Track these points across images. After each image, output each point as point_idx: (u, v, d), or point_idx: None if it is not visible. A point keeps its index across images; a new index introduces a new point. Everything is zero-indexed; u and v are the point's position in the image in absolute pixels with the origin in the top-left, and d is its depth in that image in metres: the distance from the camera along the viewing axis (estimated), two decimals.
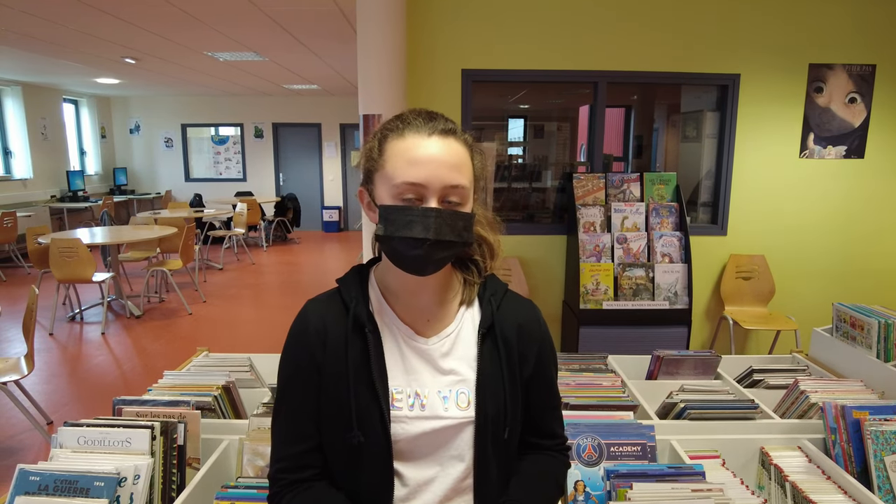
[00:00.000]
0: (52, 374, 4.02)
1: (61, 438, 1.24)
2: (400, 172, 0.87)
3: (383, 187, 0.90)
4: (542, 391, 1.03)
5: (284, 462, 0.96)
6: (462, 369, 0.97)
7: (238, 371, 1.76)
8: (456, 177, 0.88)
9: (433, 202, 0.87)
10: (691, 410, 1.58)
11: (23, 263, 7.53)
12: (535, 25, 3.59)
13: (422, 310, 0.99)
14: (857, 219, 3.88)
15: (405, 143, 0.89)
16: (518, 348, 0.99)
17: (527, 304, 1.05)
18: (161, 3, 4.28)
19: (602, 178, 3.63)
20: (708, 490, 1.19)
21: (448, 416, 0.94)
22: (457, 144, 0.90)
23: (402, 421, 0.93)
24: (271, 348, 4.53)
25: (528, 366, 1.00)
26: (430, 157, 0.87)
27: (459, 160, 0.90)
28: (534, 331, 1.02)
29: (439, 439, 0.95)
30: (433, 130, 0.89)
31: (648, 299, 3.42)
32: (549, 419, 1.06)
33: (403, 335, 0.98)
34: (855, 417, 1.36)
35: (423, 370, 0.97)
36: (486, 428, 0.94)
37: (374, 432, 0.91)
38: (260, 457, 1.32)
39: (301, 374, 0.96)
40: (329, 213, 11.10)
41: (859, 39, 3.67)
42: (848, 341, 1.92)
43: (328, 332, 0.96)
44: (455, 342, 0.98)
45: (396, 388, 0.95)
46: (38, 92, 8.77)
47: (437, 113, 0.94)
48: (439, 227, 0.86)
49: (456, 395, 0.96)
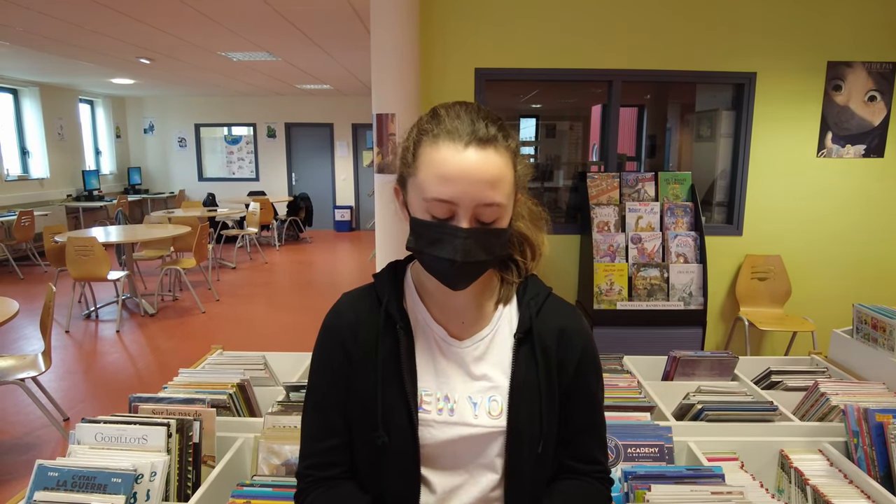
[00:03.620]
0: (68, 370, 4.07)
1: (79, 435, 1.25)
2: (430, 187, 0.81)
3: (415, 196, 0.85)
4: (581, 406, 0.95)
5: (312, 459, 0.94)
6: (495, 375, 0.92)
7: (252, 369, 1.76)
8: (490, 195, 0.80)
9: (464, 220, 0.81)
10: (709, 412, 1.56)
11: (40, 262, 7.63)
12: (548, 24, 3.57)
13: (457, 311, 0.94)
14: (876, 218, 3.82)
15: (438, 155, 0.81)
16: (557, 356, 0.93)
17: (570, 309, 0.98)
18: (176, 3, 4.31)
19: (616, 177, 3.60)
20: (728, 493, 1.17)
21: (477, 424, 0.90)
22: (495, 156, 0.81)
23: (430, 425, 0.90)
24: (285, 347, 4.56)
25: (566, 374, 0.93)
26: (463, 173, 0.79)
27: (497, 175, 0.81)
28: (575, 338, 0.94)
29: (468, 447, 0.90)
30: (471, 139, 0.80)
31: (663, 300, 3.39)
32: (588, 440, 0.97)
33: (436, 336, 0.94)
34: (878, 421, 1.33)
35: (454, 374, 0.92)
36: (519, 439, 0.89)
37: (401, 434, 0.88)
38: (275, 455, 1.32)
39: (331, 368, 0.93)
40: (341, 212, 11.13)
41: (879, 37, 3.61)
42: (869, 343, 1.88)
43: (360, 327, 0.93)
44: (489, 346, 0.93)
45: (426, 390, 0.91)
46: (54, 92, 8.88)
47: (481, 110, 0.85)
48: (468, 249, 0.81)
49: (487, 403, 0.91)
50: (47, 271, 7.38)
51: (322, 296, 6.15)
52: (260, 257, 8.48)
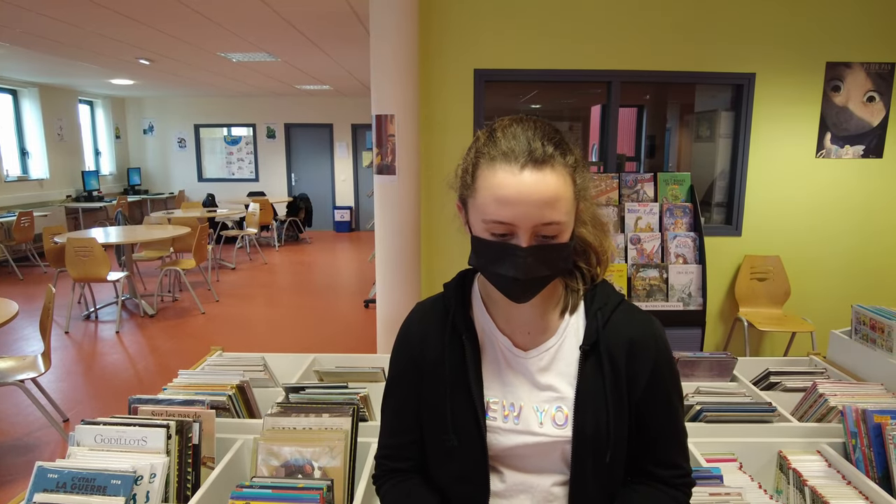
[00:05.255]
0: (67, 371, 4.07)
1: (78, 436, 1.25)
2: (489, 209, 0.82)
3: (475, 216, 0.86)
4: (658, 415, 0.94)
5: (387, 450, 1.03)
6: (561, 386, 0.93)
7: (252, 370, 1.76)
8: (548, 214, 0.81)
9: (524, 241, 0.82)
10: (708, 413, 1.56)
11: (39, 262, 7.63)
12: (547, 25, 3.57)
13: (522, 321, 0.95)
14: (874, 219, 3.82)
15: (495, 179, 0.82)
16: (627, 368, 0.92)
17: (643, 318, 0.96)
18: (175, 4, 4.31)
19: (615, 177, 3.60)
20: (726, 494, 1.17)
21: (542, 434, 0.92)
22: (552, 176, 0.81)
23: (496, 431, 0.93)
24: (284, 348, 4.56)
25: (637, 387, 0.92)
26: (520, 195, 0.80)
27: (554, 194, 0.81)
28: (647, 348, 0.93)
29: (533, 453, 0.93)
30: (528, 160, 0.81)
31: (662, 300, 3.40)
32: (668, 447, 0.96)
33: (501, 346, 0.96)
34: (876, 422, 1.33)
35: (520, 384, 0.94)
36: (585, 449, 0.90)
37: (469, 439, 0.92)
38: (274, 456, 1.32)
39: (404, 376, 1.00)
40: (341, 213, 11.13)
41: (878, 37, 3.61)
42: (867, 344, 1.89)
43: (428, 337, 0.98)
44: (555, 357, 0.94)
45: (492, 398, 0.94)
46: (54, 93, 8.88)
47: (538, 127, 0.85)
48: (529, 266, 0.82)
49: (553, 413, 0.92)
50: (47, 272, 7.38)
51: (322, 296, 6.15)
52: (259, 258, 8.48)
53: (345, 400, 1.44)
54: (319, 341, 4.73)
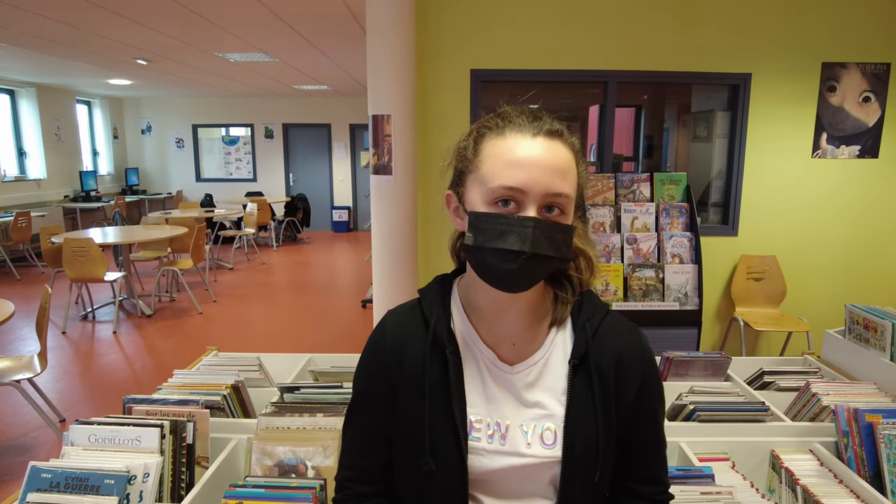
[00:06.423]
0: (64, 372, 4.07)
1: (73, 436, 1.25)
2: (498, 175, 0.78)
3: (476, 191, 0.82)
4: (644, 430, 0.91)
5: (350, 472, 0.93)
6: (549, 403, 0.87)
7: (247, 370, 1.77)
8: (560, 184, 0.78)
9: (532, 210, 0.78)
10: (701, 412, 1.57)
11: (37, 262, 7.62)
12: (544, 25, 3.58)
13: (508, 332, 0.89)
14: (870, 219, 3.83)
15: (506, 143, 0.80)
16: (616, 382, 0.88)
17: (629, 329, 0.92)
18: (173, 4, 4.31)
19: (612, 178, 3.61)
20: (717, 493, 1.18)
21: (530, 455, 0.85)
22: (564, 149, 0.81)
23: (480, 454, 0.86)
24: (282, 348, 4.56)
25: (626, 402, 0.88)
26: (533, 159, 0.78)
27: (565, 166, 0.80)
28: (636, 361, 0.89)
29: (520, 477, 0.86)
30: (538, 130, 0.80)
31: (658, 300, 3.40)
32: (650, 462, 0.93)
33: (486, 360, 0.89)
34: (868, 421, 1.34)
35: (505, 400, 0.88)
36: (575, 470, 0.85)
37: (449, 462, 0.85)
38: (268, 456, 1.33)
39: (374, 390, 0.91)
40: (339, 213, 11.13)
41: (874, 37, 3.62)
42: (861, 343, 1.89)
43: (406, 348, 0.89)
44: (542, 372, 0.89)
45: (475, 416, 0.87)
46: (51, 93, 8.87)
47: (543, 112, 0.85)
48: (537, 240, 0.76)
49: (541, 431, 0.86)
50: (44, 272, 7.37)
51: (319, 296, 6.15)
52: (257, 258, 8.48)
53: (339, 400, 1.45)
54: (317, 341, 4.73)
